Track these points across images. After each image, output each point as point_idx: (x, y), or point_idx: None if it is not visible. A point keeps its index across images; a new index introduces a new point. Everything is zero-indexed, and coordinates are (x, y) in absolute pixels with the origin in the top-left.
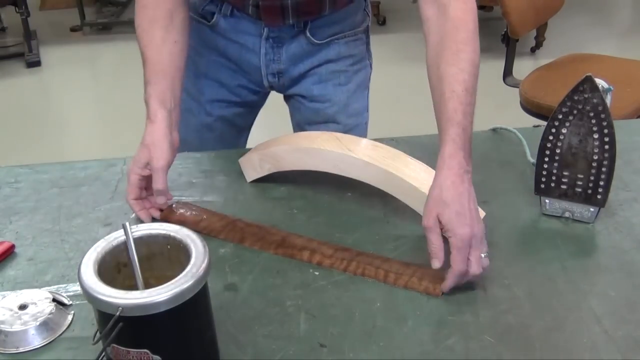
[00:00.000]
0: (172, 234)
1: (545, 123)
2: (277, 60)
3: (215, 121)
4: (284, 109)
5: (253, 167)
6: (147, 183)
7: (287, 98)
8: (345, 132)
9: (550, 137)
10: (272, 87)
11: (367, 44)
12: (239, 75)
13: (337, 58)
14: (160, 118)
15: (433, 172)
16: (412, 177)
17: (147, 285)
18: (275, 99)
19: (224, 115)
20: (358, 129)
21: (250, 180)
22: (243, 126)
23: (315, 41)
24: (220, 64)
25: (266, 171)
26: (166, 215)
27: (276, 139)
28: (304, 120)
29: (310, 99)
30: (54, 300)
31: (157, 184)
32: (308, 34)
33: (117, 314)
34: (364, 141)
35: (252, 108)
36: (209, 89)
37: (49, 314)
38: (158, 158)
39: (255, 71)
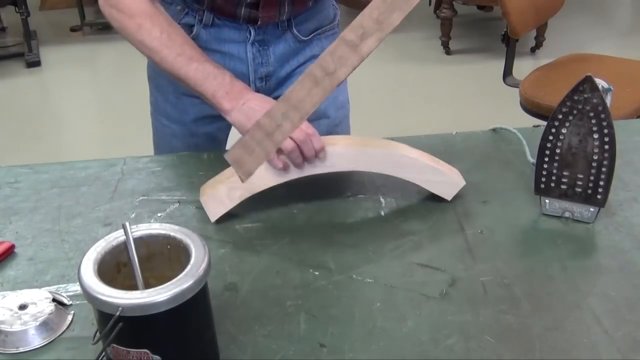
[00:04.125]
0: (172, 234)
1: (545, 123)
2: (266, 63)
3: (201, 140)
4: None
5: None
6: None
7: None
8: (335, 125)
9: (550, 137)
10: (257, 92)
11: None
12: None
13: (321, 54)
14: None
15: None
16: (407, 150)
17: (147, 285)
18: None
19: (208, 132)
20: (345, 121)
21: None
22: (222, 139)
23: (302, 37)
24: None
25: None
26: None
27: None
28: None
29: None
30: (54, 300)
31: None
32: (295, 31)
33: (117, 314)
34: (339, 136)
35: None
36: (193, 108)
37: (49, 314)
38: None
39: (241, 78)
